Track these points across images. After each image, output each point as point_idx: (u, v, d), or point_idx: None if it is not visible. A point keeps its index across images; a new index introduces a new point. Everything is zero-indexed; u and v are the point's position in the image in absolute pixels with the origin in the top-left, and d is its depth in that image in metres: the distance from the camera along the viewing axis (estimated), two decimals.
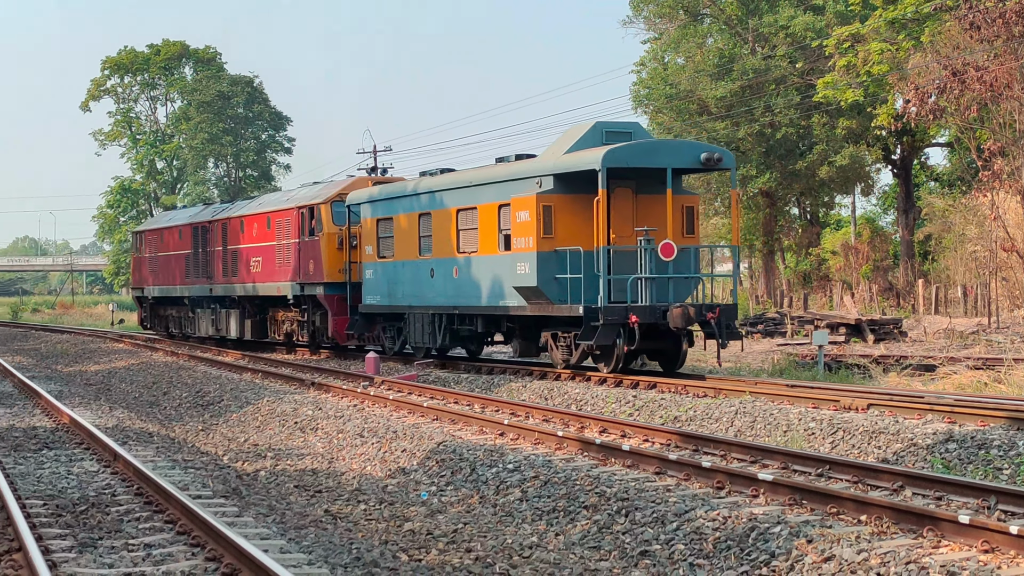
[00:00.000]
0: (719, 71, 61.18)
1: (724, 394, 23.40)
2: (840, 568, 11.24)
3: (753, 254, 71.31)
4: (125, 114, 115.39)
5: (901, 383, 27.18)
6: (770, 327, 46.95)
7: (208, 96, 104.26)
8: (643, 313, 25.98)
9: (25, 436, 21.00)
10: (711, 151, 27.22)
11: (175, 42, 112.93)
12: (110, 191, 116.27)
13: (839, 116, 59.20)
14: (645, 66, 69.30)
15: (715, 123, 60.75)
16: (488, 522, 14.87)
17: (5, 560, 11.53)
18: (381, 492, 16.73)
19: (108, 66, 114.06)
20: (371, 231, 34.98)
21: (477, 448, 18.42)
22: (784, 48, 60.36)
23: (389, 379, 28.48)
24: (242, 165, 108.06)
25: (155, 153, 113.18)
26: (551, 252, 27.20)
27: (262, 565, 10.28)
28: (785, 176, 62.34)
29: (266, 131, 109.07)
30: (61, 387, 33.06)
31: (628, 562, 12.89)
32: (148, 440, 21.03)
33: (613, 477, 15.60)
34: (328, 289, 37.15)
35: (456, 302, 30.87)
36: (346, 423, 22.82)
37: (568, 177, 27.24)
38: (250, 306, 43.81)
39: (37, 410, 25.97)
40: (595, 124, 28.13)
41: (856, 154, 61.28)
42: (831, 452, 18.30)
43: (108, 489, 15.38)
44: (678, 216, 27.77)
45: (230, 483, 16.50)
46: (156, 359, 41.96)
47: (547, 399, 25.55)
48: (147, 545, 12.13)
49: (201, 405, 29.19)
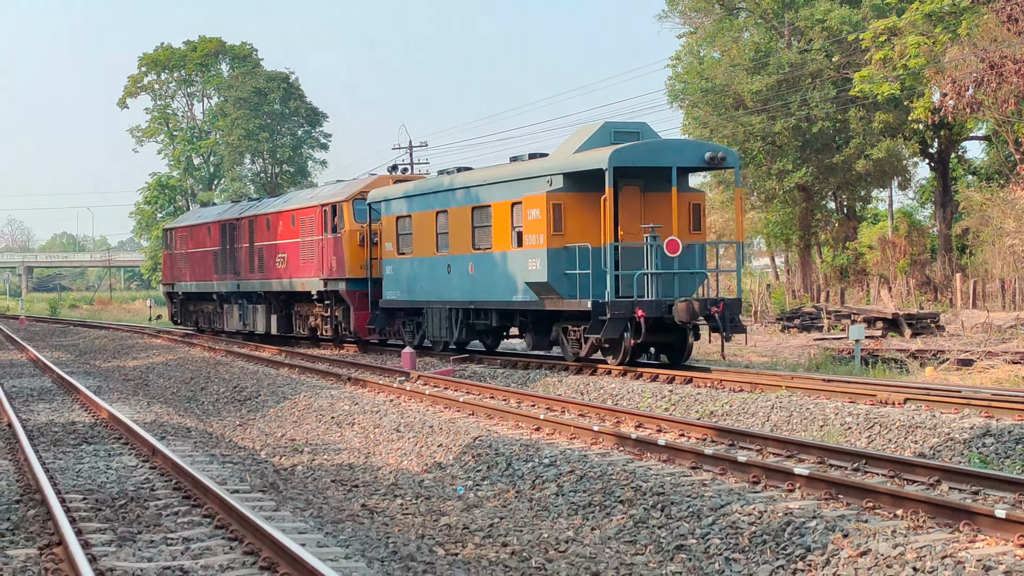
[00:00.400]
0: (755, 65, 61.02)
1: (760, 389, 23.40)
2: (876, 562, 11.24)
3: (790, 248, 71.06)
4: (162, 111, 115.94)
5: (938, 377, 27.11)
6: (806, 322, 46.84)
7: (244, 92, 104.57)
8: (649, 307, 26.91)
9: (64, 431, 21.15)
10: (715, 150, 28.11)
11: (212, 39, 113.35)
12: (147, 187, 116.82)
13: (876, 110, 58.94)
14: (680, 61, 69.19)
15: (751, 117, 60.58)
16: (524, 516, 14.91)
17: (46, 554, 11.64)
18: (417, 486, 16.78)
19: (145, 63, 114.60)
20: (391, 228, 36.02)
21: (513, 443, 18.46)
22: (820, 42, 60.12)
23: (425, 374, 28.56)
24: (278, 161, 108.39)
25: (192, 149, 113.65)
26: (561, 249, 28.14)
27: (300, 559, 10.34)
28: (821, 170, 62.10)
29: (302, 127, 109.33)
30: (100, 382, 33.26)
31: (664, 556, 12.91)
32: (186, 435, 21.16)
33: (649, 472, 15.63)
34: (350, 285, 38.17)
35: (472, 297, 31.90)
36: (382, 418, 22.90)
37: (577, 176, 28.14)
38: (276, 301, 44.87)
39: (76, 405, 26.14)
40: (603, 124, 28.94)
41: (893, 148, 61.03)
42: (867, 447, 18.28)
43: (147, 483, 15.49)
44: (684, 213, 28.64)
45: (267, 477, 16.59)
46: (194, 354, 42.17)
47: (583, 394, 25.59)
48: (186, 539, 12.22)
49: (238, 400, 29.33)
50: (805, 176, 61.74)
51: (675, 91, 66.82)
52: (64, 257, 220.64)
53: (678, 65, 69.01)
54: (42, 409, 25.34)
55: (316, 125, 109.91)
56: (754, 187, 64.71)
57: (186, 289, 54.92)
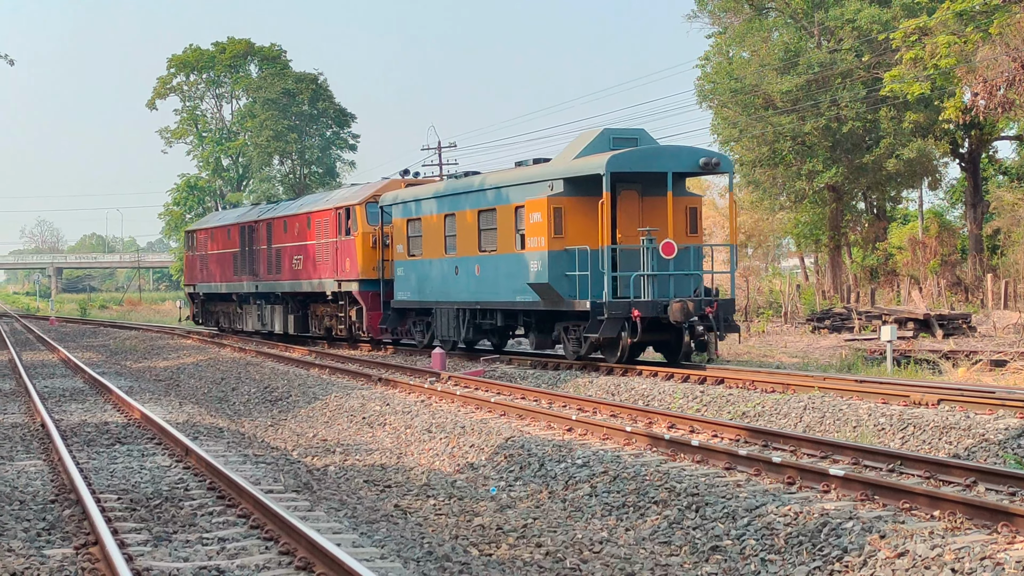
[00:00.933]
0: (784, 65, 60.84)
1: (792, 390, 23.32)
2: (914, 564, 11.18)
3: (819, 249, 70.81)
4: (191, 112, 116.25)
5: (971, 378, 26.97)
6: (837, 322, 46.69)
7: (273, 93, 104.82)
8: (645, 308, 27.78)
9: (97, 431, 21.22)
10: (709, 156, 28.97)
11: (240, 40, 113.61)
12: (176, 188, 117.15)
13: (906, 110, 58.69)
14: (710, 60, 69.04)
15: (780, 117, 60.43)
16: (558, 517, 14.90)
17: (82, 553, 11.67)
18: (450, 487, 16.78)
19: (174, 64, 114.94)
20: (401, 230, 37.10)
21: (545, 443, 18.44)
22: (850, 41, 59.91)
23: (456, 375, 28.56)
24: (307, 162, 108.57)
25: (221, 150, 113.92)
26: (561, 251, 29.14)
27: (336, 559, 10.34)
28: (852, 170, 61.89)
29: (330, 128, 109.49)
30: (131, 383, 33.36)
31: (699, 557, 12.87)
32: (218, 435, 21.20)
33: (683, 472, 15.58)
34: (363, 286, 39.32)
35: (478, 298, 32.91)
36: (414, 418, 22.91)
37: (577, 181, 29.05)
38: (293, 302, 46.00)
39: (108, 405, 26.23)
40: (603, 130, 29.85)
41: (923, 148, 60.77)
42: (901, 448, 18.20)
43: (181, 483, 15.52)
44: (681, 217, 29.54)
45: (301, 478, 16.60)
46: (224, 355, 42.27)
47: (614, 395, 25.55)
48: (221, 539, 12.23)
49: (269, 400, 29.39)
50: (835, 176, 61.54)
51: (704, 91, 66.68)
52: (93, 258, 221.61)
53: (707, 65, 68.87)
54: (75, 409, 25.43)
55: (344, 126, 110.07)
56: (784, 187, 64.52)
57: (207, 290, 56.15)
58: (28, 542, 12.18)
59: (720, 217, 68.93)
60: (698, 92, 67.19)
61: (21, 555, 11.51)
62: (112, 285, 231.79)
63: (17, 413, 25.07)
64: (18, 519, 13.34)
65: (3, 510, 13.81)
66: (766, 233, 70.00)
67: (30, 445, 19.85)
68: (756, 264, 70.99)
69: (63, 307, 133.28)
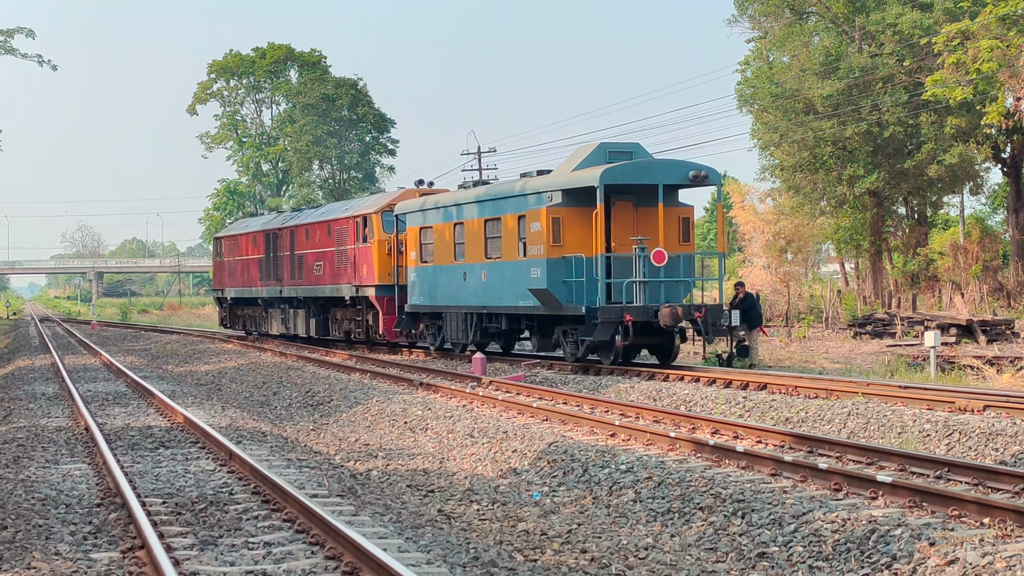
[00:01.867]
0: (825, 70, 60.57)
1: (836, 395, 23.20)
2: (964, 572, 11.07)
3: (860, 254, 70.42)
4: (231, 117, 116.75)
5: (1015, 384, 26.77)
6: (879, 328, 46.46)
7: (313, 99, 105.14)
8: (636, 312, 29.39)
9: (141, 435, 21.27)
10: (698, 169, 30.46)
11: (280, 45, 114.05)
12: (216, 193, 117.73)
13: (948, 114, 58.33)
14: (750, 65, 68.79)
15: (821, 122, 60.16)
16: (602, 523, 14.84)
17: (129, 557, 11.69)
18: (493, 492, 16.74)
19: (214, 70, 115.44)
20: (415, 238, 38.87)
21: (588, 448, 18.39)
22: (891, 46, 59.60)
23: (497, 380, 28.55)
24: (346, 167, 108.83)
25: (260, 155, 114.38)
26: (560, 258, 30.79)
27: (383, 564, 10.31)
28: (892, 175, 61.56)
29: (370, 133, 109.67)
30: (173, 387, 33.48)
31: (745, 564, 12.80)
32: (262, 439, 21.22)
33: (728, 478, 15.52)
34: (379, 291, 41.22)
35: (485, 302, 34.65)
36: (455, 423, 22.89)
37: (574, 192, 30.70)
38: (314, 306, 48.03)
39: (151, 409, 26.32)
40: (600, 144, 31.59)
41: (965, 153, 60.37)
42: (947, 454, 18.06)
43: (225, 487, 15.53)
44: (673, 226, 31.14)
45: (344, 482, 16.59)
46: (265, 359, 42.39)
47: (656, 400, 25.48)
48: (267, 543, 12.23)
49: (311, 405, 29.43)
50: (876, 181, 61.23)
51: (744, 96, 66.46)
52: (134, 263, 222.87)
53: (747, 70, 68.63)
54: (118, 413, 25.52)
55: (384, 131, 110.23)
56: (824, 192, 64.20)
57: (234, 294, 58.26)
58: (75, 545, 12.21)
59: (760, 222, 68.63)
60: (738, 97, 67.00)
61: (68, 558, 11.54)
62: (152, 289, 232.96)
63: (61, 417, 25.18)
64: (64, 522, 13.38)
65: (49, 513, 13.86)
66: (806, 238, 69.57)
67: (74, 449, 19.92)
68: (796, 269, 70.51)
69: (104, 311, 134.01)
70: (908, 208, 71.47)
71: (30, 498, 14.82)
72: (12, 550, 11.96)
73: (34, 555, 11.62)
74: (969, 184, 67.90)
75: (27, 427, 22.90)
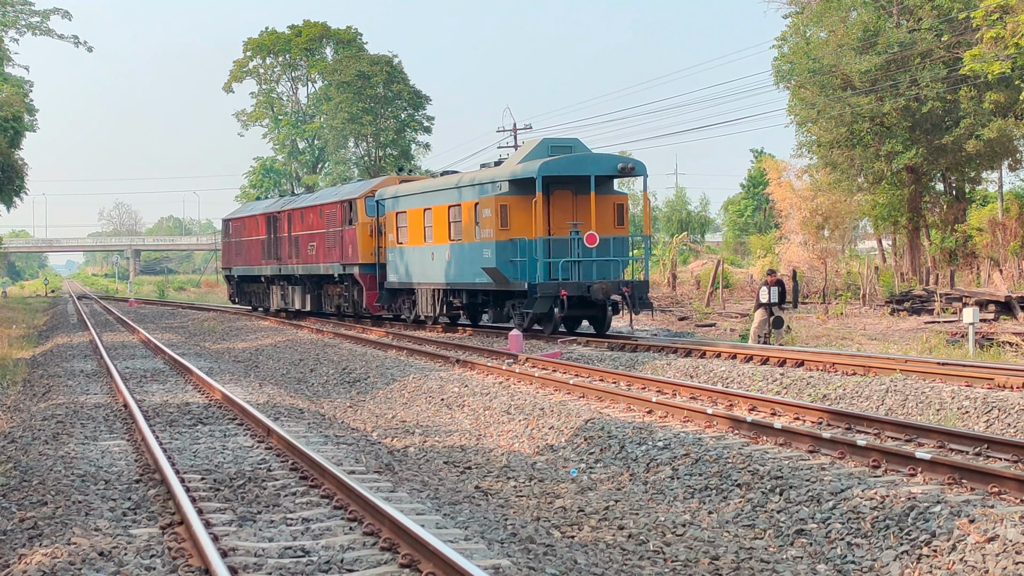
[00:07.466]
0: (863, 45, 60.17)
1: (874, 372, 23.10)
2: (1004, 548, 11.02)
3: (897, 231, 70.03)
4: (267, 95, 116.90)
5: None
6: (916, 305, 46.23)
7: (348, 76, 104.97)
8: (571, 288, 33.64)
9: (179, 412, 21.37)
10: (626, 162, 34.81)
11: (316, 23, 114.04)
12: (252, 171, 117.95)
13: (987, 89, 57.87)
14: (787, 41, 68.38)
15: (859, 98, 59.79)
16: (639, 500, 14.82)
17: (168, 533, 11.74)
18: (530, 469, 16.75)
19: (250, 48, 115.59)
20: (392, 221, 43.30)
21: (625, 425, 18.37)
22: (930, 21, 59.16)
23: (533, 357, 28.55)
24: (382, 145, 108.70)
25: (296, 133, 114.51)
26: (508, 241, 34.92)
27: (422, 540, 10.32)
28: (931, 151, 61.14)
29: (405, 110, 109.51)
30: (211, 364, 33.62)
31: (784, 541, 12.77)
32: (299, 416, 21.30)
33: (766, 455, 15.47)
34: (362, 269, 45.83)
35: (448, 280, 38.81)
36: (492, 400, 22.90)
37: (519, 182, 34.85)
38: (309, 283, 52.71)
39: (189, 386, 26.43)
40: (543, 140, 35.67)
41: (1004, 128, 59.88)
42: (986, 431, 17.97)
43: (263, 464, 15.58)
44: (608, 212, 35.36)
45: (382, 459, 16.62)
46: (301, 336, 42.52)
47: (692, 376, 25.44)
48: (305, 519, 12.26)
49: (348, 382, 29.50)
50: (914, 157, 60.83)
51: (781, 72, 66.10)
52: (171, 240, 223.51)
53: (784, 46, 68.23)
54: (156, 390, 25.64)
55: (419, 108, 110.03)
56: (862, 169, 63.83)
57: (240, 272, 63.46)
58: (114, 521, 12.27)
59: (797, 199, 68.29)
60: (775, 73, 66.63)
61: (108, 534, 11.60)
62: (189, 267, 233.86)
63: (100, 393, 25.32)
64: (104, 498, 13.45)
65: (89, 489, 13.94)
66: (843, 215, 69.23)
67: (113, 425, 20.03)
68: (833, 246, 70.22)
69: (141, 289, 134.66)
70: (946, 184, 71.00)
71: (70, 474, 14.91)
72: (52, 526, 12.04)
73: (74, 531, 11.69)
74: (1008, 160, 67.35)
75: (66, 404, 23.04)
